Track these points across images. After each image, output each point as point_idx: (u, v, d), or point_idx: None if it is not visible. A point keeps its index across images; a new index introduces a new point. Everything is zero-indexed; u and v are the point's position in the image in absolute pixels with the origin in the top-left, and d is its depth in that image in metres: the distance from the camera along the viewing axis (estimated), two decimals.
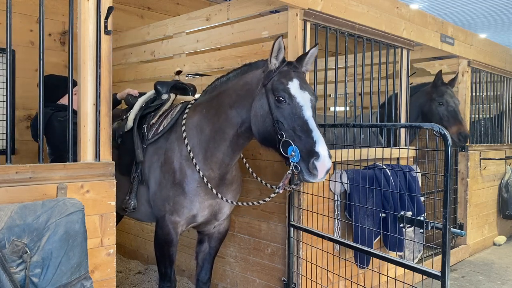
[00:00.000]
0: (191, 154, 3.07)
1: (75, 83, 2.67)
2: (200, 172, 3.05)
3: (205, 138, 3.08)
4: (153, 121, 3.39)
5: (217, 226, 3.44)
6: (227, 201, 3.17)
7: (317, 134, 2.62)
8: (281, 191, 2.95)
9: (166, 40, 4.75)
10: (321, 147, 2.58)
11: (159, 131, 3.28)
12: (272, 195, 3.00)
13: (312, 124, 2.66)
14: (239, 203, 3.25)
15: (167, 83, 3.60)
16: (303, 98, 2.71)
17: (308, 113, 2.68)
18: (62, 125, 3.20)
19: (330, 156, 2.59)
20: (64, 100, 3.47)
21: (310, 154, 2.58)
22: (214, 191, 3.08)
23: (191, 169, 3.08)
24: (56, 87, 3.45)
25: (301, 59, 2.90)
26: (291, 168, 2.65)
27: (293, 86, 2.73)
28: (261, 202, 3.15)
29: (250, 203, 3.23)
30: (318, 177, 2.60)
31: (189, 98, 3.65)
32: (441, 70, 5.20)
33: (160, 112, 3.43)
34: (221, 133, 3.03)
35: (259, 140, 2.88)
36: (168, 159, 3.17)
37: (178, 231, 3.16)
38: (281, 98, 2.70)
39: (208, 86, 3.29)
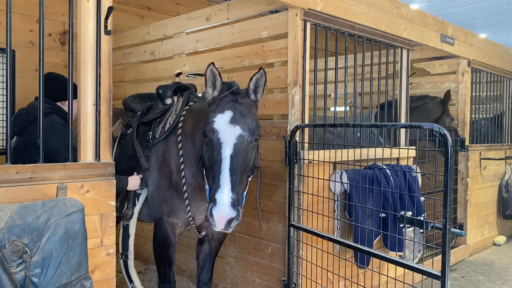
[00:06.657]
0: (181, 159, 3.01)
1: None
2: (194, 177, 2.97)
3: (197, 149, 2.95)
4: (160, 127, 3.27)
5: None
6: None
7: (224, 178, 2.27)
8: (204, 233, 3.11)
9: (166, 40, 4.75)
10: (221, 194, 2.25)
11: (162, 133, 3.23)
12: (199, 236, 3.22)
13: (225, 165, 2.30)
14: None
15: (169, 86, 3.45)
16: (226, 134, 2.37)
17: (226, 152, 2.33)
18: (54, 130, 2.95)
19: (233, 205, 2.24)
20: (64, 106, 3.23)
21: (211, 199, 2.31)
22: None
23: (186, 174, 3.02)
24: (63, 89, 3.12)
25: (249, 87, 2.59)
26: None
27: (220, 119, 2.40)
28: None
29: None
30: (216, 227, 2.28)
31: None
32: (449, 90, 5.70)
33: (165, 118, 3.32)
34: None
35: None
36: (166, 160, 3.14)
37: (176, 233, 3.15)
38: (205, 132, 2.45)
39: (203, 92, 3.20)
